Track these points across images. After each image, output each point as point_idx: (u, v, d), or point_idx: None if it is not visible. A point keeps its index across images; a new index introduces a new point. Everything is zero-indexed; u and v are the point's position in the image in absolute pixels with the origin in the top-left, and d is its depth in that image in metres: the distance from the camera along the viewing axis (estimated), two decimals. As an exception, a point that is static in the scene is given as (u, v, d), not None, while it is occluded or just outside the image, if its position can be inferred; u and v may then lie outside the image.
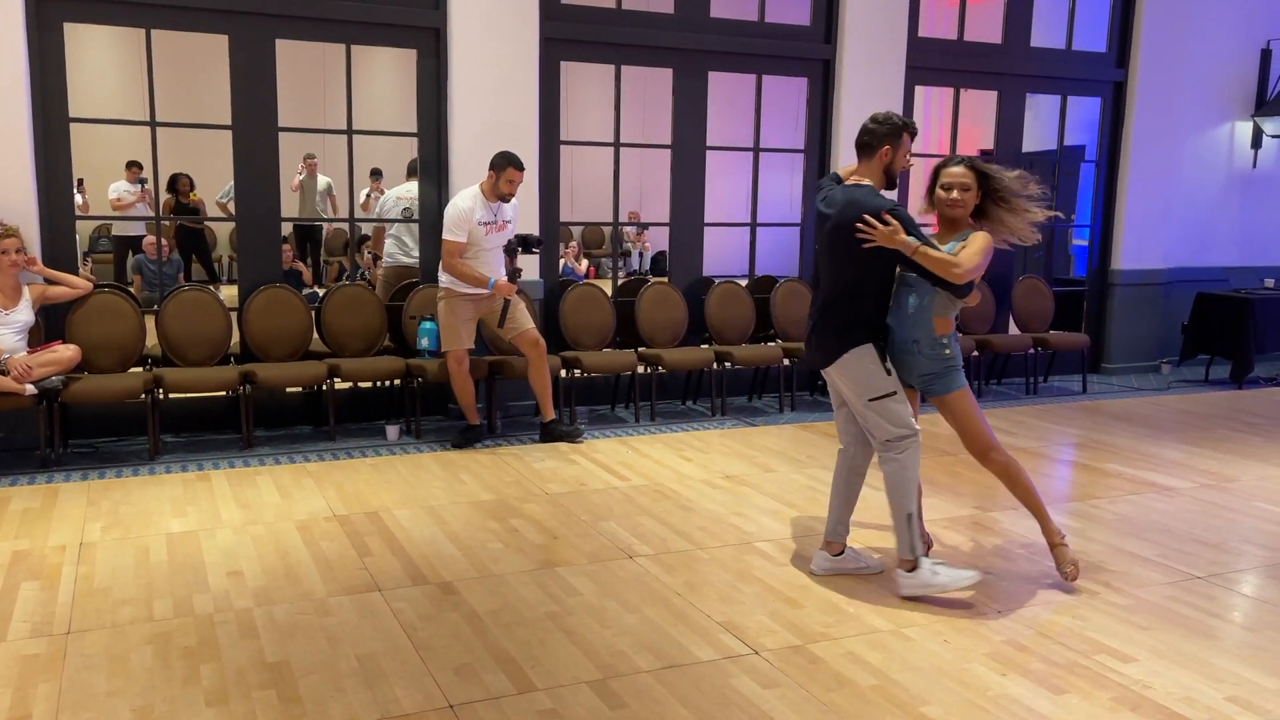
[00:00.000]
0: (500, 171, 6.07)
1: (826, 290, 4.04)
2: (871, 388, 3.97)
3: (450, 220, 6.06)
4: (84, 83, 11.17)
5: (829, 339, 4.03)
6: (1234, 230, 9.94)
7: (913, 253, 3.80)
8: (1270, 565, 4.50)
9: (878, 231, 3.78)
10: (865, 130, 4.00)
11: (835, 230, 3.91)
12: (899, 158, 4.00)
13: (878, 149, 3.97)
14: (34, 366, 5.48)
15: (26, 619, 3.71)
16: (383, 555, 4.42)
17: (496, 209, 6.16)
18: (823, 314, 4.06)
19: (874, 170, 3.99)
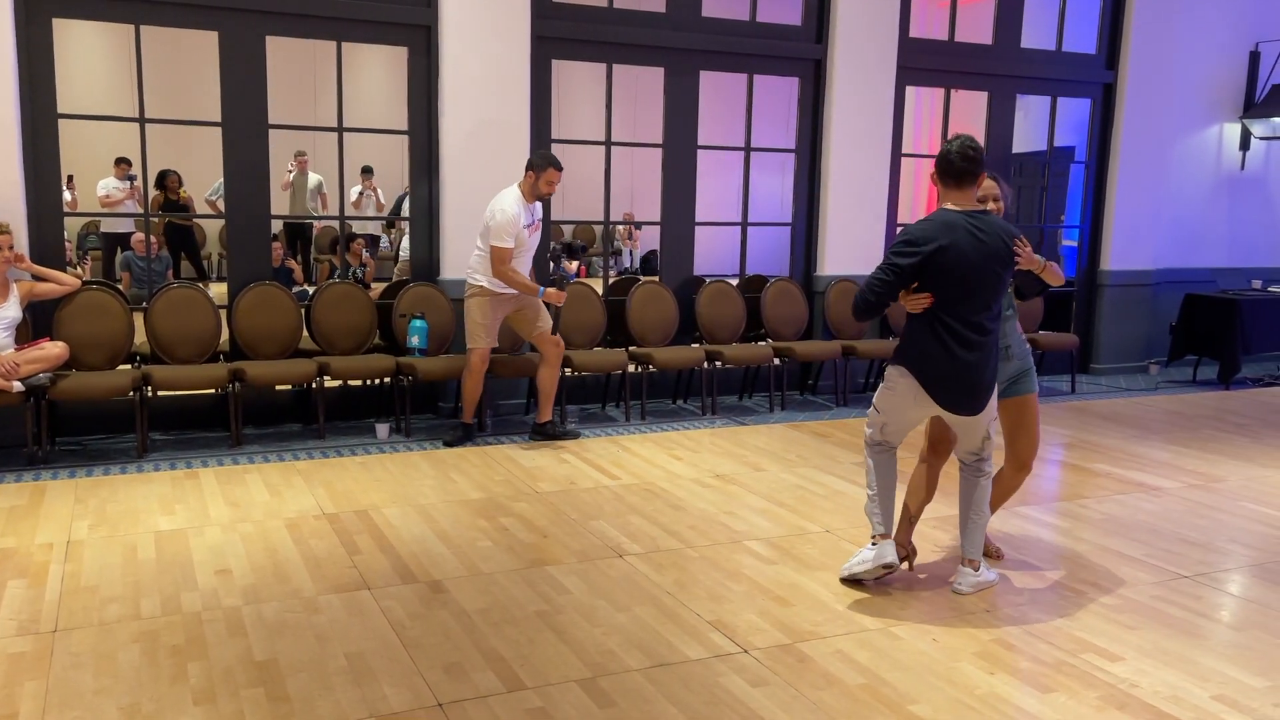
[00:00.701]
0: (540, 172, 6.04)
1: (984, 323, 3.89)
2: (996, 410, 4.09)
3: (500, 227, 5.97)
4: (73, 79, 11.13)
5: (991, 376, 3.97)
6: (1222, 232, 9.99)
7: (1042, 270, 4.09)
8: (1256, 565, 4.53)
9: (1026, 252, 3.94)
10: (969, 159, 3.93)
11: (998, 258, 3.87)
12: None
13: (980, 176, 3.98)
14: (21, 364, 5.46)
15: (13, 617, 3.69)
16: (372, 554, 4.41)
17: (533, 209, 6.18)
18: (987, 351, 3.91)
19: (971, 198, 3.98)
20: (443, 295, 6.71)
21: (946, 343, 3.86)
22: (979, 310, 3.86)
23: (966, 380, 3.87)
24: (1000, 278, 3.87)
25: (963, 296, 3.83)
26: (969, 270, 3.80)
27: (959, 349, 3.85)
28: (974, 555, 4.11)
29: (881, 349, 7.76)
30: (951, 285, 3.82)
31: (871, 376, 8.37)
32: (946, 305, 3.85)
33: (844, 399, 7.78)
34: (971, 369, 3.86)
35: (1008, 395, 4.13)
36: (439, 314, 6.62)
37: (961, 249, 3.80)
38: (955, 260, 3.79)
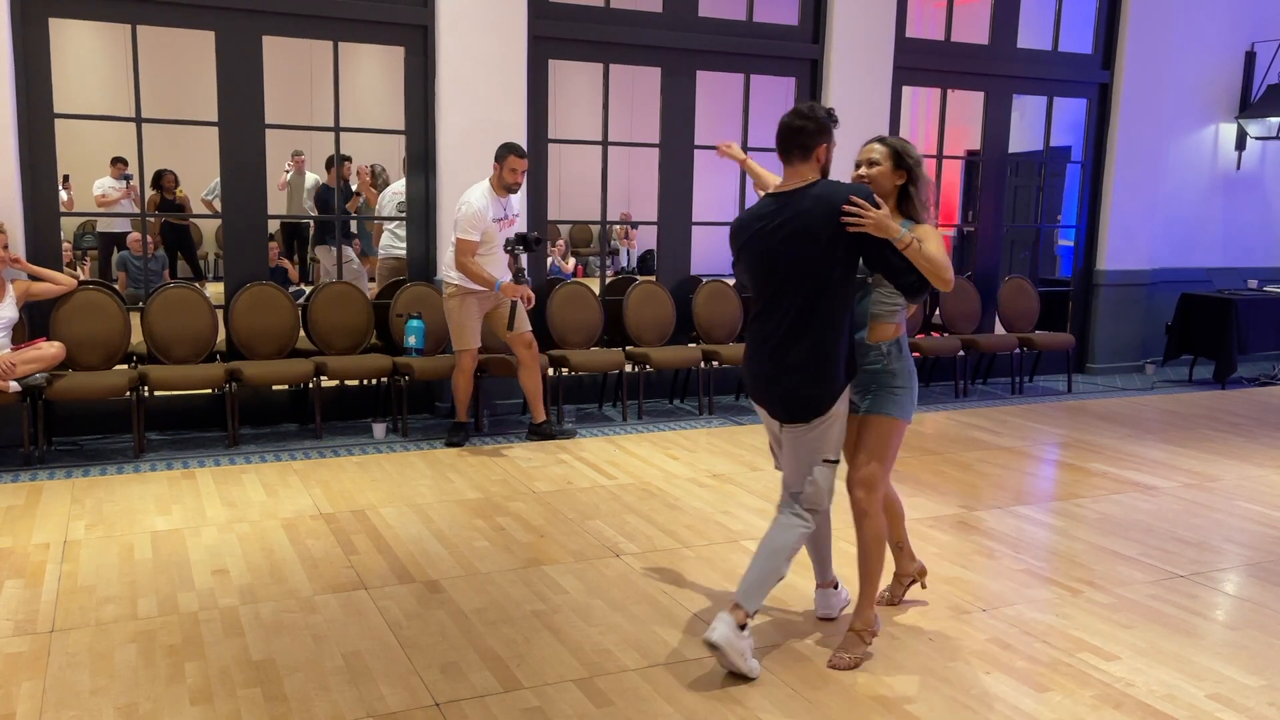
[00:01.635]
0: (502, 162, 6.00)
1: (790, 318, 3.29)
2: (834, 449, 3.41)
3: (465, 219, 5.94)
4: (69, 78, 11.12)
5: (808, 384, 3.31)
6: (1218, 231, 10.01)
7: (906, 247, 3.18)
8: (1252, 564, 4.54)
9: (870, 215, 3.15)
10: (795, 129, 3.29)
11: (804, 236, 3.23)
12: (831, 154, 3.37)
13: (814, 149, 3.31)
14: (18, 364, 5.45)
15: (10, 617, 3.69)
16: (369, 553, 4.41)
17: (506, 203, 6.10)
18: (792, 351, 3.30)
19: (812, 173, 3.33)
20: (440, 295, 6.70)
21: (752, 335, 3.48)
22: (772, 297, 3.34)
23: (764, 379, 3.41)
24: (810, 265, 3.24)
25: (756, 284, 3.42)
26: (755, 259, 3.37)
27: (758, 343, 3.43)
28: (743, 602, 3.32)
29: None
30: (750, 273, 3.42)
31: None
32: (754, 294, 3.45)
33: (841, 399, 7.77)
34: (767, 367, 3.37)
35: (859, 410, 3.47)
36: (436, 313, 6.61)
37: (752, 232, 3.36)
38: (747, 244, 3.39)
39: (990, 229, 8.90)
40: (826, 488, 3.44)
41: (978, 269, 8.88)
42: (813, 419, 3.35)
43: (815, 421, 3.35)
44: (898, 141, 3.47)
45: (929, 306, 8.55)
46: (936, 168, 8.73)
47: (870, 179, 3.40)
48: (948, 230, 12.63)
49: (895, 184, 3.42)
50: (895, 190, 3.42)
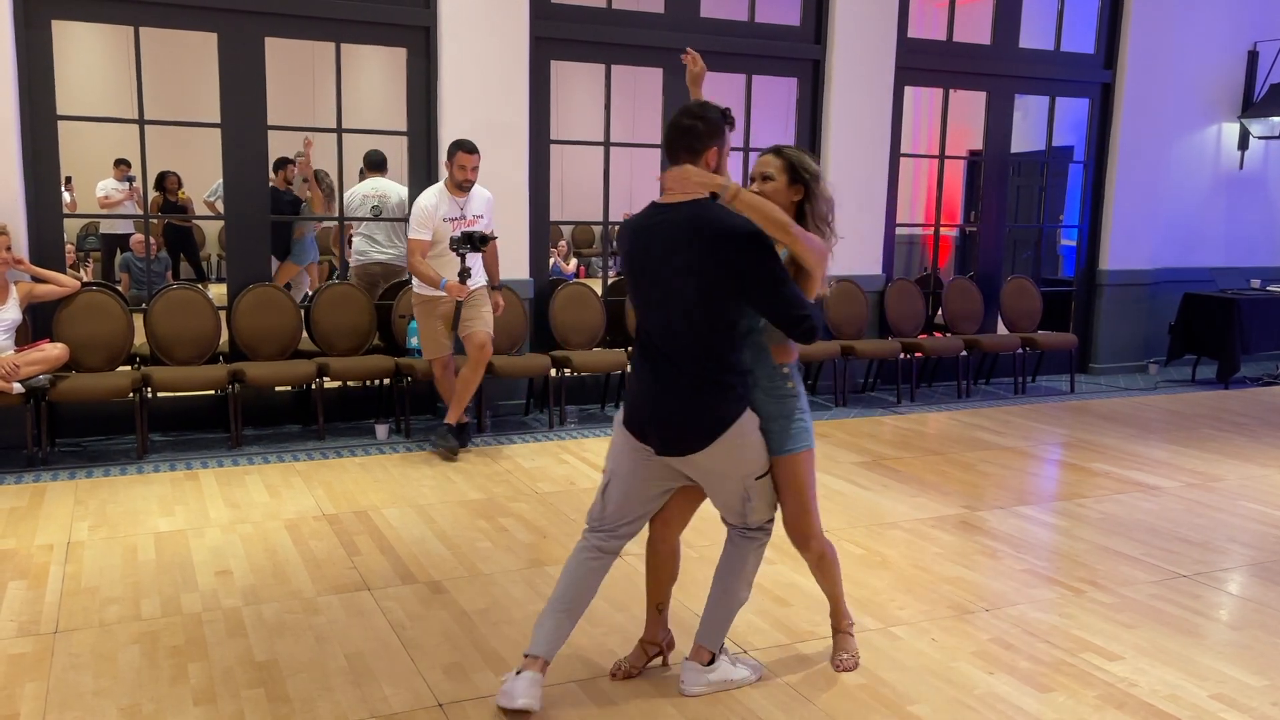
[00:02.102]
0: (452, 159, 5.90)
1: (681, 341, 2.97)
2: (762, 462, 3.10)
3: (414, 217, 5.91)
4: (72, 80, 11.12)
5: (705, 411, 2.98)
6: (1221, 231, 9.99)
7: (731, 197, 2.89)
8: (1255, 564, 4.53)
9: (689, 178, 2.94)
10: (682, 129, 3.00)
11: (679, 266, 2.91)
12: (725, 159, 3.07)
13: (703, 152, 3.00)
14: (21, 365, 5.46)
15: (13, 618, 3.70)
16: (371, 554, 4.41)
17: (463, 203, 5.94)
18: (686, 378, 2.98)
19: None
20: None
21: (636, 356, 3.16)
22: (651, 326, 3.05)
23: (646, 407, 3.07)
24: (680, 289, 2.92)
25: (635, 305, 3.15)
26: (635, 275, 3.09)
27: (639, 365, 3.12)
28: (705, 642, 3.23)
29: (882, 349, 7.78)
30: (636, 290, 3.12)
31: (871, 377, 8.38)
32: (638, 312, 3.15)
33: (843, 399, 7.78)
34: (649, 392, 3.06)
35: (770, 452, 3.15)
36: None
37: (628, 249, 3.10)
38: (627, 258, 3.11)
39: (993, 229, 8.90)
40: (764, 503, 3.16)
41: (980, 269, 8.87)
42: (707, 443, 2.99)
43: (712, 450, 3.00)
44: (794, 153, 3.15)
45: (931, 307, 8.55)
46: (939, 168, 8.73)
47: (764, 195, 3.06)
48: (950, 230, 12.63)
49: (792, 200, 3.10)
50: (792, 207, 3.10)
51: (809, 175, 3.12)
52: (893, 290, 8.19)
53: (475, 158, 5.91)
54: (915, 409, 7.71)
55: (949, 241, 12.81)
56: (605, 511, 3.19)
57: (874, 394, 8.24)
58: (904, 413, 7.56)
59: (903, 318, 8.19)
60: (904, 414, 7.52)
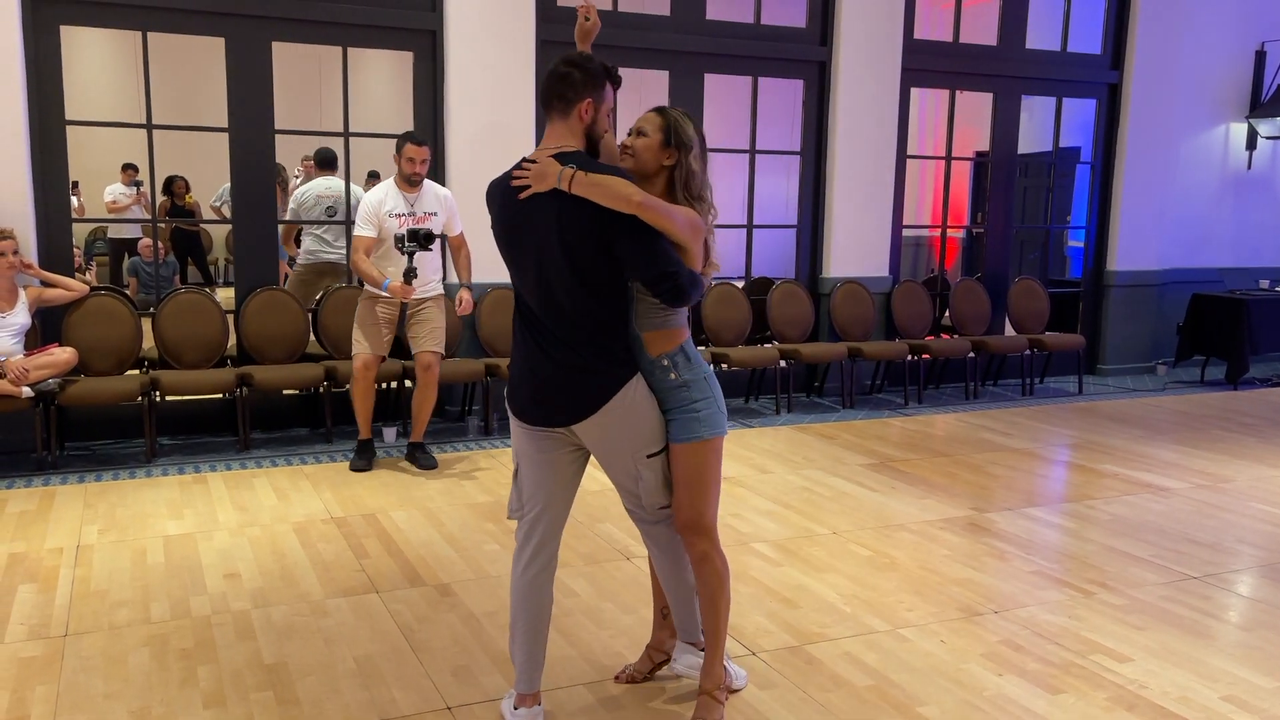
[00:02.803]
0: (400, 152, 5.60)
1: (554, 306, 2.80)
2: (654, 438, 2.89)
3: (359, 213, 5.63)
4: (80, 85, 11.16)
5: (585, 376, 2.80)
6: (1229, 231, 9.97)
7: (569, 183, 2.68)
8: (1265, 565, 4.52)
9: (531, 171, 2.76)
10: (556, 75, 2.84)
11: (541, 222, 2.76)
12: (603, 116, 2.88)
13: (575, 103, 2.83)
14: (31, 369, 5.48)
15: (24, 621, 3.71)
16: (380, 557, 4.42)
17: (414, 200, 5.64)
18: (563, 343, 2.80)
19: (573, 133, 2.85)
20: (447, 299, 6.71)
21: (515, 328, 2.97)
22: (525, 290, 2.88)
23: (527, 379, 2.90)
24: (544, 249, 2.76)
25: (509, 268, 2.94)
26: (505, 228, 2.90)
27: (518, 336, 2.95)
28: (686, 639, 3.23)
29: (889, 350, 7.76)
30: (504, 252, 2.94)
31: (878, 378, 8.37)
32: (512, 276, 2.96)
33: (850, 401, 7.77)
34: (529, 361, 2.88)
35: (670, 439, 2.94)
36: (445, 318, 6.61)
37: (498, 205, 2.90)
38: (497, 217, 2.93)
39: (1000, 230, 8.89)
40: (665, 482, 2.95)
41: (987, 270, 8.86)
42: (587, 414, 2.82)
43: (595, 420, 2.82)
44: (676, 115, 2.91)
45: (938, 308, 8.54)
46: (945, 169, 8.72)
47: (634, 150, 2.87)
48: (957, 232, 12.61)
49: (663, 164, 2.87)
50: (663, 171, 2.88)
51: (683, 141, 2.88)
52: (900, 292, 8.19)
53: (425, 150, 5.63)
54: (923, 410, 7.70)
55: (956, 243, 12.80)
56: (523, 497, 2.99)
57: (881, 395, 8.23)
58: (911, 414, 7.55)
59: (910, 319, 8.18)
60: (911, 415, 7.51)
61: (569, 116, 2.83)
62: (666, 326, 2.87)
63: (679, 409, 2.89)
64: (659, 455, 2.92)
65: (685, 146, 2.88)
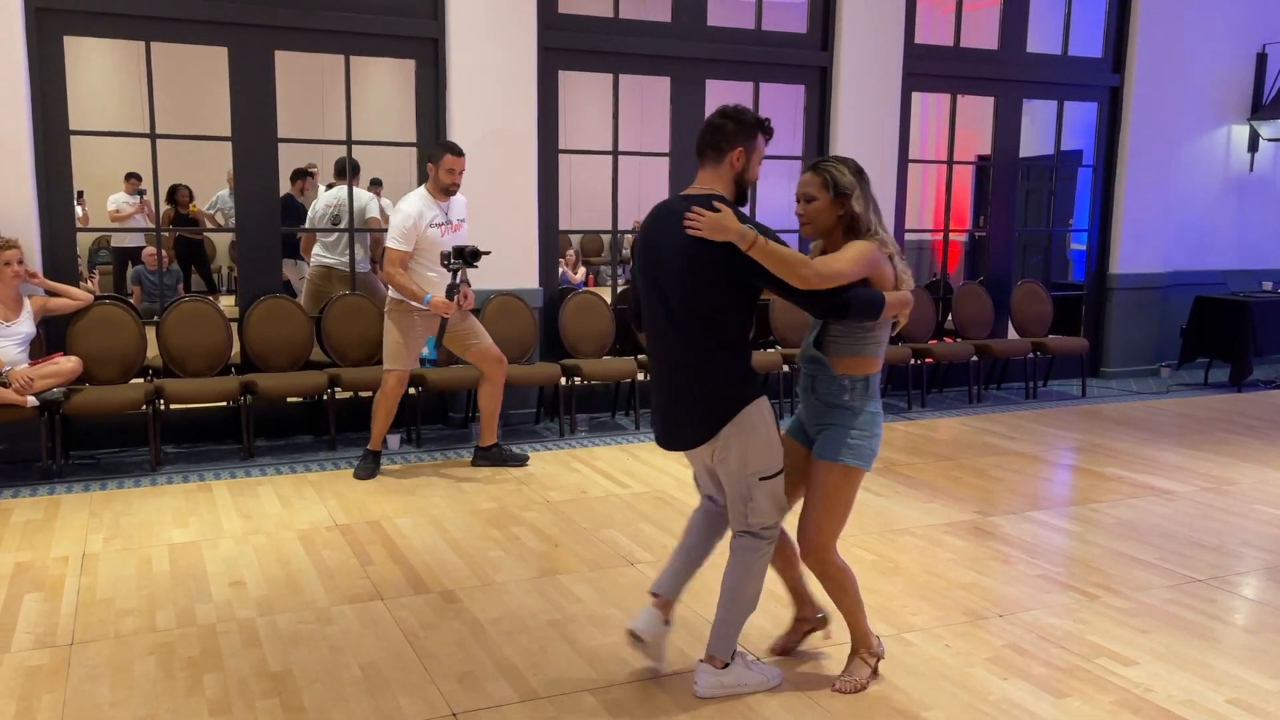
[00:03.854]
0: (438, 162, 5.60)
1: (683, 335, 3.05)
2: (769, 461, 3.10)
3: (397, 227, 5.55)
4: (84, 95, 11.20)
5: (706, 400, 3.05)
6: (1232, 234, 9.96)
7: (749, 246, 2.91)
8: (1270, 568, 4.51)
9: (705, 219, 2.93)
10: (711, 127, 3.12)
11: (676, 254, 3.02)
12: (753, 165, 3.16)
13: (727, 152, 3.10)
14: (35, 378, 5.49)
15: (29, 630, 3.72)
16: (384, 564, 4.43)
17: (446, 207, 5.68)
18: (688, 369, 3.05)
19: (722, 180, 3.12)
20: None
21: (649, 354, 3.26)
22: (660, 313, 3.11)
23: (657, 401, 3.21)
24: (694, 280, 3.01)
25: (645, 295, 3.18)
26: (646, 262, 3.15)
27: (652, 361, 3.22)
28: (715, 651, 3.25)
29: (892, 355, 7.76)
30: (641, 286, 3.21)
31: (882, 383, 8.35)
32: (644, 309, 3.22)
33: (854, 405, 7.76)
34: (658, 387, 3.19)
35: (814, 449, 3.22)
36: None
37: (644, 239, 3.17)
38: (640, 251, 3.19)
39: (1002, 234, 8.89)
40: (772, 505, 3.13)
41: (990, 274, 8.86)
42: (708, 437, 3.06)
43: (719, 438, 3.05)
44: (832, 167, 3.15)
45: (941, 312, 8.53)
46: (947, 173, 8.73)
47: (809, 216, 3.15)
48: (959, 236, 12.61)
49: (837, 215, 3.13)
50: (838, 221, 3.14)
51: (842, 190, 3.11)
52: (902, 296, 8.17)
53: (463, 160, 5.68)
54: (926, 415, 7.70)
55: (958, 247, 12.80)
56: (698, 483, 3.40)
57: (885, 400, 8.22)
58: (915, 419, 7.55)
59: (913, 323, 8.16)
60: (915, 420, 7.51)
61: (720, 164, 3.12)
62: (857, 354, 3.13)
63: (836, 427, 3.13)
64: (772, 479, 3.10)
65: (847, 193, 3.11)
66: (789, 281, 2.94)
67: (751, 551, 3.20)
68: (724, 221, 2.92)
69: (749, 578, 3.23)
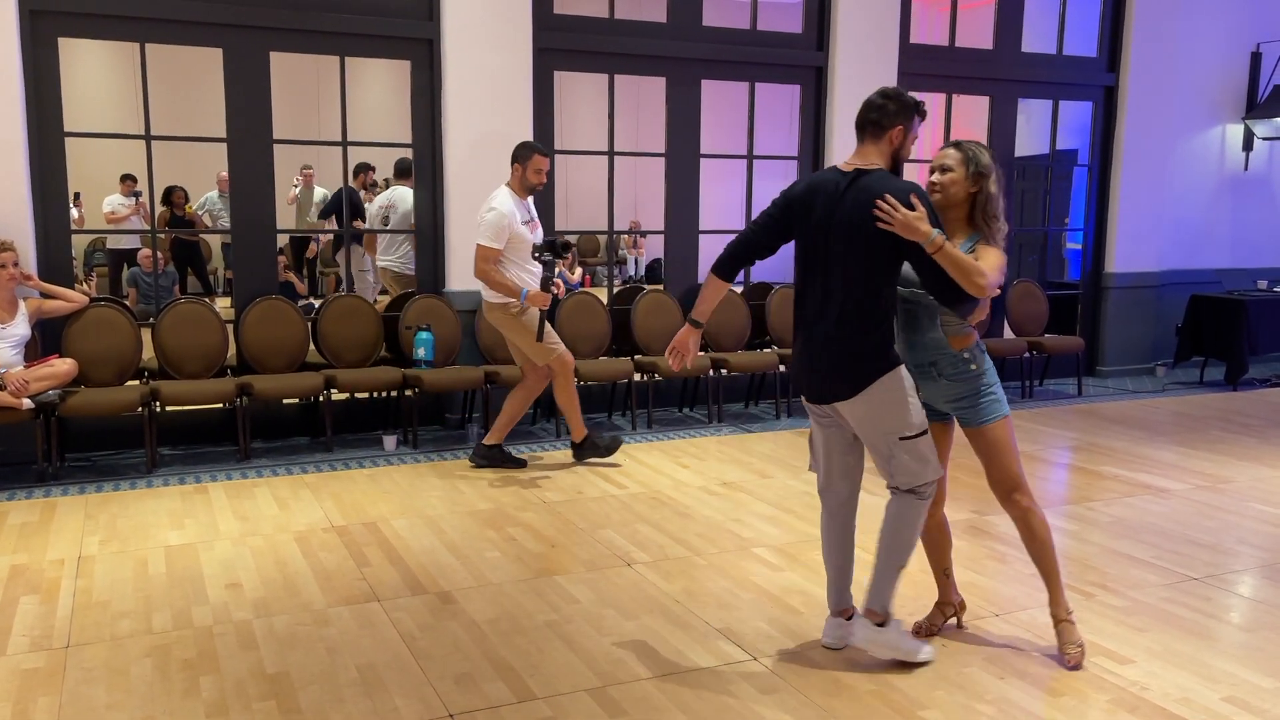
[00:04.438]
0: (526, 162, 5.70)
1: (837, 299, 3.28)
2: (908, 423, 3.30)
3: (491, 226, 5.60)
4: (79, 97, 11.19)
5: (851, 362, 3.27)
6: (1227, 232, 9.98)
7: (935, 250, 3.12)
8: (1266, 566, 4.52)
9: (898, 216, 3.12)
10: (873, 106, 3.34)
11: (844, 225, 3.24)
12: (909, 143, 3.37)
13: (888, 129, 3.32)
14: (31, 381, 5.48)
15: (26, 633, 3.71)
16: (381, 565, 4.42)
17: (528, 206, 5.84)
18: (836, 330, 3.28)
19: (881, 155, 3.34)
20: (448, 307, 6.73)
21: (795, 315, 3.46)
22: (827, 287, 3.31)
23: (804, 359, 3.41)
24: (856, 250, 3.23)
25: (804, 261, 3.40)
26: (810, 230, 3.35)
27: (798, 324, 3.44)
28: (873, 605, 3.44)
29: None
30: (799, 246, 3.43)
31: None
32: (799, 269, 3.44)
33: (850, 405, 7.76)
34: (807, 349, 3.39)
35: (963, 425, 3.50)
36: (445, 326, 6.64)
37: (808, 204, 3.34)
38: (800, 216, 3.37)
39: (998, 233, 8.89)
40: (918, 463, 3.32)
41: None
42: (852, 394, 3.28)
43: (861, 397, 3.26)
44: (972, 147, 3.38)
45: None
46: (943, 173, 8.72)
47: (942, 187, 3.36)
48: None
49: (969, 191, 3.36)
50: (968, 198, 3.37)
51: (982, 170, 3.34)
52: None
53: (549, 160, 5.85)
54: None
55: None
56: (816, 459, 3.56)
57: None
58: (911, 418, 7.54)
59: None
60: (911, 419, 7.50)
61: (880, 140, 3.34)
62: (964, 331, 3.38)
63: (979, 395, 3.41)
64: (913, 439, 3.31)
65: (985, 174, 3.35)
66: (965, 288, 3.16)
67: (907, 507, 3.39)
68: (916, 224, 3.13)
69: (902, 532, 3.40)
